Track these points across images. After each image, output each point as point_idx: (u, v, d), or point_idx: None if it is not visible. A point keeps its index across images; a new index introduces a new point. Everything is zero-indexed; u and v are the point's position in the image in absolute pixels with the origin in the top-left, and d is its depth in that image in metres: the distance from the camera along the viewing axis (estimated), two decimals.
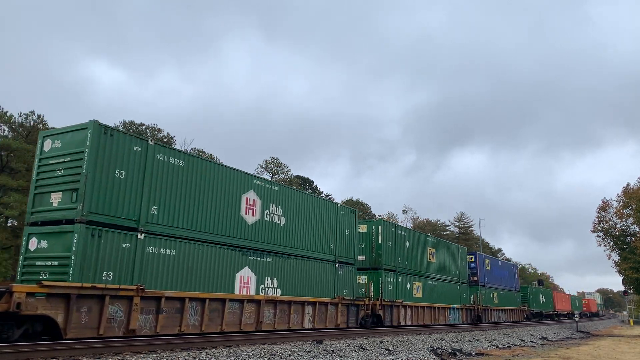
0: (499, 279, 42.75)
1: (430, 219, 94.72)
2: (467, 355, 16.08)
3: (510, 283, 46.25)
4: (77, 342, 10.56)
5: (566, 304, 71.92)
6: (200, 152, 69.57)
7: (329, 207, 21.90)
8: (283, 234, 18.66)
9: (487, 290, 39.35)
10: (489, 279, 40.38)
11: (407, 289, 27.31)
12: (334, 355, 12.45)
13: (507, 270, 46.70)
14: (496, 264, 44.16)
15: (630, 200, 52.35)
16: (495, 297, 41.05)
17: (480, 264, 38.93)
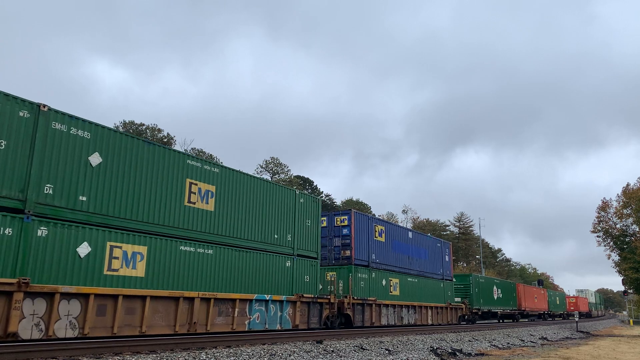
0: (406, 259, 28.39)
1: (430, 219, 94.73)
2: (467, 355, 16.08)
3: (432, 267, 31.53)
4: (77, 342, 10.56)
5: (540, 302, 57.33)
6: (200, 152, 69.65)
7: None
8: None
9: (376, 275, 24.77)
10: (381, 255, 25.86)
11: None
12: (334, 355, 12.46)
13: (427, 248, 31.46)
14: (401, 234, 28.74)
15: (630, 200, 52.43)
16: (395, 285, 26.56)
17: (359, 230, 24.29)
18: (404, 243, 28.19)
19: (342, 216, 24.12)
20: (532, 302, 53.44)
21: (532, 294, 54.70)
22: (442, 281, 32.18)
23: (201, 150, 70.06)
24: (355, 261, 23.27)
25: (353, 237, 23.47)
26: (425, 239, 31.66)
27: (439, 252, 32.95)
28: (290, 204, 19.29)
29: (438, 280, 31.74)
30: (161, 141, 61.93)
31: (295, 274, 18.89)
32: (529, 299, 52.75)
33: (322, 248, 22.82)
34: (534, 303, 54.61)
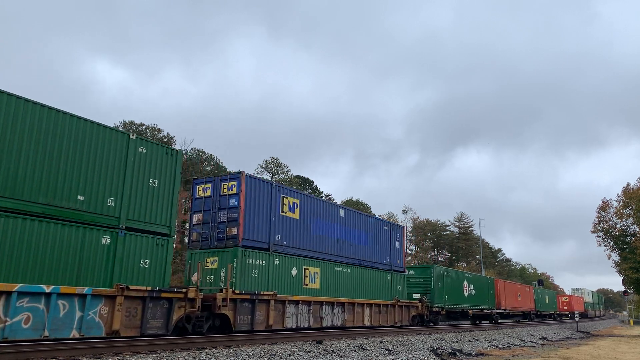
0: (333, 244, 22.21)
1: (430, 219, 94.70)
2: (467, 355, 16.08)
3: (374, 254, 25.16)
4: (77, 342, 10.56)
5: (524, 301, 50.59)
6: (200, 152, 69.64)
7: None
8: None
9: (281, 262, 18.95)
10: (291, 236, 19.83)
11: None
12: (334, 355, 12.46)
13: (368, 231, 25.03)
14: (326, 211, 22.20)
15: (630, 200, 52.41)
16: (314, 276, 20.52)
17: (254, 201, 18.28)
18: (330, 223, 22.02)
19: (230, 182, 17.92)
20: (514, 300, 46.92)
21: (515, 292, 48.17)
22: (389, 273, 26.08)
23: (201, 150, 70.08)
24: (243, 242, 17.18)
25: (243, 209, 17.33)
26: (366, 220, 25.27)
27: (386, 237, 26.58)
28: (118, 154, 13.65)
29: (383, 272, 25.58)
30: (161, 141, 61.95)
31: (119, 255, 12.95)
32: (511, 297, 46.05)
33: (205, 225, 18.14)
34: (517, 302, 48.01)
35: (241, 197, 17.46)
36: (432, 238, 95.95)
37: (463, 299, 35.21)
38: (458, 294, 34.54)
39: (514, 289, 48.32)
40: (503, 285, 44.58)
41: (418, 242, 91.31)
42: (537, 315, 55.98)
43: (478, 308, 37.67)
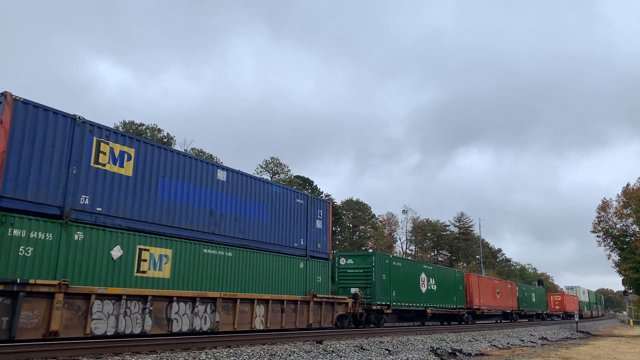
0: (201, 216, 16.03)
1: (430, 219, 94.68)
2: (467, 355, 16.09)
3: (279, 234, 19.14)
4: (77, 342, 10.56)
5: (505, 299, 44.15)
6: (200, 152, 69.66)
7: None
8: None
9: (87, 235, 12.54)
10: (116, 201, 13.46)
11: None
12: (334, 356, 12.46)
13: (270, 203, 18.89)
14: (193, 170, 15.99)
15: (630, 200, 52.45)
16: (159, 261, 14.38)
17: (29, 135, 11.67)
18: (199, 187, 15.82)
19: None
20: (491, 298, 40.79)
21: (492, 288, 41.79)
22: (303, 260, 19.76)
23: (201, 151, 70.05)
24: (2, 201, 10.94)
25: (3, 150, 11.07)
26: (265, 189, 18.62)
27: (300, 213, 20.21)
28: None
29: (293, 258, 19.26)
30: (161, 141, 61.96)
31: None
32: (487, 294, 39.83)
33: None
34: (495, 300, 41.82)
35: (3, 129, 11.09)
36: (432, 238, 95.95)
37: (419, 295, 28.92)
38: (412, 289, 28.17)
39: (491, 285, 42.05)
40: (477, 281, 38.29)
41: (418, 242, 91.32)
42: (522, 315, 50.18)
43: (441, 307, 31.51)
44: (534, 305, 54.69)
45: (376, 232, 78.34)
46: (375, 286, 24.62)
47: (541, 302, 57.93)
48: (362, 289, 24.49)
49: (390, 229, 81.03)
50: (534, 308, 54.37)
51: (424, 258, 79.60)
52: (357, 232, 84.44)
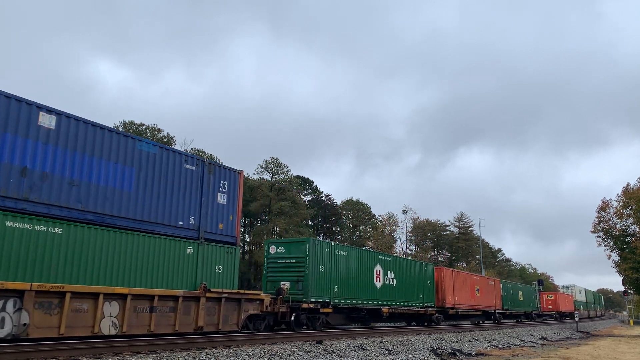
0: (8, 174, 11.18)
1: (430, 219, 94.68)
2: (467, 355, 16.09)
3: (154, 208, 14.61)
4: (77, 342, 10.56)
5: (485, 297, 38.97)
6: (200, 152, 69.67)
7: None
8: None
9: None
10: None
11: None
12: (334, 356, 12.47)
13: (136, 165, 14.19)
14: None
15: (630, 200, 52.43)
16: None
17: None
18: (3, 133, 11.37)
19: None
20: (469, 296, 35.50)
21: (471, 285, 36.38)
22: (192, 243, 15.50)
23: (201, 150, 70.07)
24: None
25: None
26: (130, 146, 14.32)
27: (191, 183, 15.87)
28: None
29: (175, 240, 15.00)
30: (161, 141, 61.98)
31: None
32: (464, 291, 34.57)
33: None
34: (474, 298, 36.53)
35: None
36: (432, 238, 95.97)
37: (372, 291, 24.26)
38: (363, 284, 23.65)
39: (469, 281, 36.67)
40: (451, 276, 33.30)
41: (418, 242, 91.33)
42: (507, 315, 45.35)
43: (402, 305, 26.49)
44: (522, 304, 49.47)
45: (376, 232, 78.34)
46: (308, 279, 20.13)
47: (530, 301, 52.59)
48: (294, 283, 20.39)
49: (390, 229, 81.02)
50: (521, 307, 49.19)
51: (424, 258, 79.60)
52: (357, 232, 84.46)
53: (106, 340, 11.34)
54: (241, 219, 18.86)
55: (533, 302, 53.63)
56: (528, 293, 52.89)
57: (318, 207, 78.54)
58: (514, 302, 46.96)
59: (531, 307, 52.50)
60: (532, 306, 52.77)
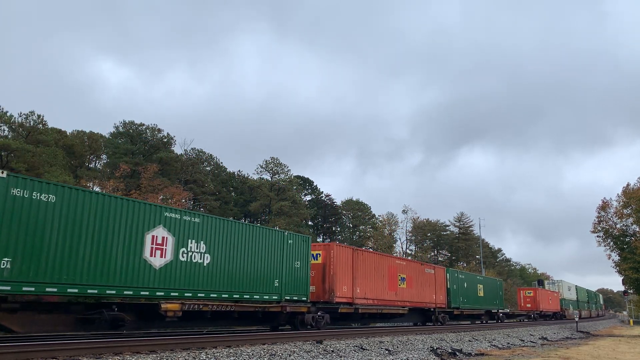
0: None
1: (430, 219, 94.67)
2: (467, 355, 16.08)
3: None
4: (77, 342, 10.56)
5: (421, 291, 29.06)
6: (200, 152, 69.68)
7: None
8: None
9: None
10: None
11: None
12: (334, 355, 12.46)
13: None
14: None
15: (630, 200, 52.43)
16: None
17: None
18: None
19: None
20: (382, 287, 24.86)
21: (389, 272, 25.75)
22: None
23: (201, 151, 70.08)
24: None
25: None
26: None
27: None
28: None
29: None
30: (161, 141, 61.93)
31: None
32: (373, 280, 24.08)
33: None
34: (394, 290, 25.89)
35: None
36: (432, 238, 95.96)
37: (144, 275, 13.68)
38: (118, 260, 13.06)
39: (386, 266, 25.50)
40: (350, 257, 22.54)
41: (418, 242, 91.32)
42: (455, 316, 34.08)
43: (224, 298, 16.06)
44: (481, 301, 37.92)
45: (376, 232, 78.38)
46: None
47: (495, 298, 41.30)
48: None
49: (390, 229, 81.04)
50: (480, 305, 37.78)
51: (424, 258, 79.59)
52: (357, 232, 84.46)
53: (106, 340, 11.35)
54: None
55: (500, 299, 42.58)
56: (492, 287, 41.34)
57: (318, 207, 78.55)
58: (469, 298, 35.62)
59: (495, 304, 41.25)
60: (497, 304, 41.57)
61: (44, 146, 43.75)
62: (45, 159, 42.63)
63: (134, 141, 60.17)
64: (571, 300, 64.33)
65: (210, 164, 72.31)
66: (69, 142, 54.17)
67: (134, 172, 53.48)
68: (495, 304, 41.56)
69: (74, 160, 56.31)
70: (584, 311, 67.58)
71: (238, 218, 69.60)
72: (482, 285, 39.24)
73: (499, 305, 42.30)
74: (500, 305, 42.79)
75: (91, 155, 62.99)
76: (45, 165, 42.03)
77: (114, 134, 60.98)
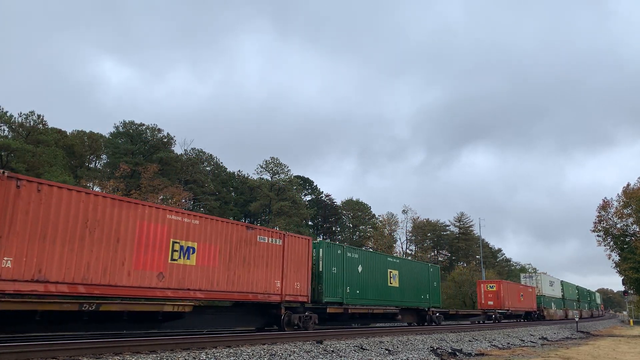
0: None
1: (430, 219, 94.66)
2: (467, 355, 16.08)
3: None
4: (77, 342, 10.56)
5: (262, 273, 16.79)
6: (200, 152, 69.67)
7: None
8: None
9: None
10: None
11: None
12: (334, 355, 12.46)
13: None
14: None
15: (630, 200, 52.43)
16: None
17: None
18: None
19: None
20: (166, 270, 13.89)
21: (223, 240, 15.69)
22: None
23: (201, 151, 70.08)
24: None
25: None
26: None
27: None
28: None
29: None
30: (161, 141, 61.91)
31: None
32: (144, 251, 13.48)
33: None
34: (219, 279, 15.28)
35: None
36: (432, 238, 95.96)
37: None
38: None
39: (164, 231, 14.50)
40: None
41: (418, 242, 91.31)
42: (341, 315, 22.06)
43: None
44: (394, 294, 25.94)
45: (376, 232, 78.37)
46: None
47: (423, 291, 29.10)
48: None
49: (390, 229, 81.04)
50: (391, 300, 25.69)
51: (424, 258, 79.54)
52: (357, 232, 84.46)
53: (106, 340, 11.34)
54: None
55: (434, 294, 30.32)
56: (421, 276, 29.25)
57: (318, 207, 78.55)
58: (366, 289, 23.54)
59: (425, 301, 29.11)
60: (426, 300, 29.32)
61: (44, 146, 43.76)
62: (45, 159, 42.63)
63: (134, 141, 60.18)
64: (554, 298, 55.13)
65: (210, 164, 72.33)
66: (69, 142, 54.18)
67: (134, 172, 53.48)
68: (424, 300, 29.13)
69: (74, 160, 56.31)
70: (572, 311, 58.36)
71: (238, 218, 69.62)
72: (398, 271, 26.81)
73: (433, 301, 30.06)
74: (434, 301, 30.29)
75: (91, 155, 62.98)
76: (45, 165, 42.03)
77: (114, 134, 60.99)
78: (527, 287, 48.45)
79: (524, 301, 45.43)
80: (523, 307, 44.88)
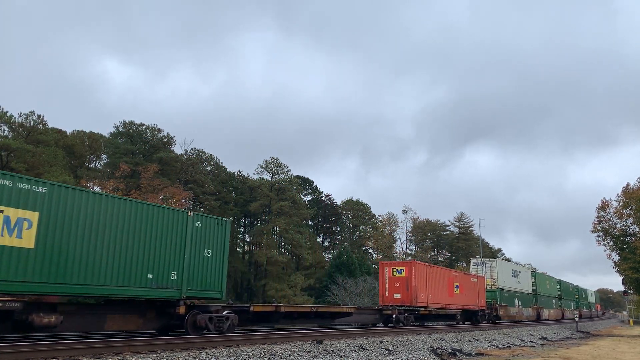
0: None
1: (430, 219, 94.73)
2: (467, 355, 16.09)
3: None
4: (77, 342, 10.57)
5: None
6: (200, 152, 69.67)
7: None
8: None
9: None
10: None
11: None
12: (334, 355, 12.47)
13: None
14: None
15: (630, 200, 52.44)
16: None
17: None
18: None
19: None
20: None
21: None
22: None
23: (201, 151, 70.08)
24: None
25: None
26: None
27: None
28: None
29: None
30: (161, 141, 61.92)
31: None
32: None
33: None
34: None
35: None
36: (432, 238, 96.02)
37: None
38: None
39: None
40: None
41: (418, 242, 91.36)
42: None
43: None
44: None
45: (376, 232, 78.41)
46: None
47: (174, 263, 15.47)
48: None
49: (390, 229, 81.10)
50: None
51: (424, 258, 79.58)
52: (357, 232, 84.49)
53: (106, 339, 11.35)
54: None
55: (199, 271, 16.38)
56: None
57: (318, 207, 78.58)
58: None
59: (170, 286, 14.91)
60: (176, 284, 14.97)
61: (44, 146, 43.78)
62: (45, 159, 42.64)
63: (134, 141, 60.19)
64: (519, 293, 42.54)
65: (210, 164, 72.33)
66: (69, 142, 54.20)
67: (134, 172, 53.48)
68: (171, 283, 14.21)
69: (74, 160, 56.33)
70: (548, 310, 48.97)
71: (238, 218, 69.64)
72: None
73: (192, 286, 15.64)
74: (211, 286, 16.25)
75: (91, 155, 63.01)
76: (45, 165, 42.05)
77: (114, 134, 61.01)
78: (468, 275, 34.53)
79: (462, 296, 31.31)
80: (458, 304, 30.75)
